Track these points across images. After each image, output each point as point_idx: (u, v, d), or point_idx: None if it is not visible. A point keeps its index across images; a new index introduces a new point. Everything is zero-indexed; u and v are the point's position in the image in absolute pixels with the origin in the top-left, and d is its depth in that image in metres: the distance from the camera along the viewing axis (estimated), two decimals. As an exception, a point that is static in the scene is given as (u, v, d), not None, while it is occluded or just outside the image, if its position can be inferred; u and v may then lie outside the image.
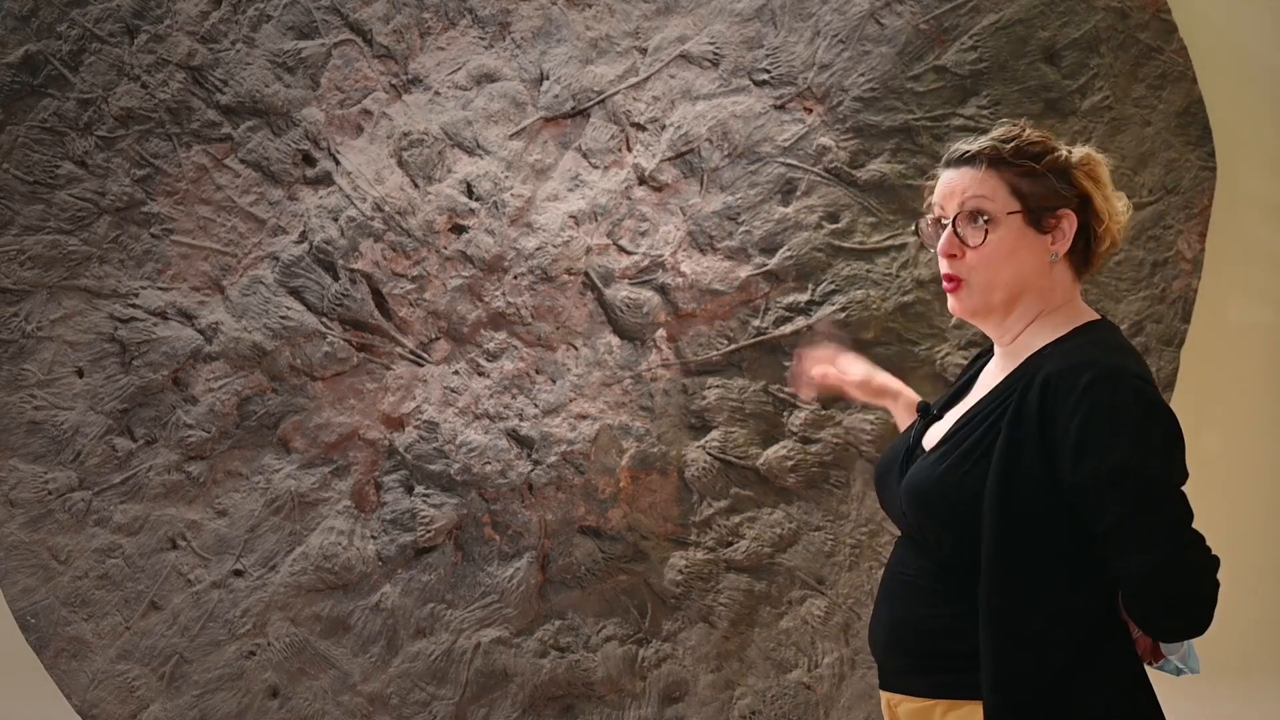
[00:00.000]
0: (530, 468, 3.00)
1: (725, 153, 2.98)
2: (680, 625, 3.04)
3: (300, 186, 3.01)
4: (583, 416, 3.01)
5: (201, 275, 3.02)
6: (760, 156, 2.99)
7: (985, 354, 2.18)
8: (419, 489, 3.02)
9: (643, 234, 3.00)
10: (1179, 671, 2.03)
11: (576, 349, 3.02)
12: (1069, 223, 2.02)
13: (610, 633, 3.06)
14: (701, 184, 3.00)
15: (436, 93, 3.01)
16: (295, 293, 3.01)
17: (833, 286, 2.98)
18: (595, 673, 3.05)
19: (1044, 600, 1.91)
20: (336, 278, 2.99)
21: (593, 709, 3.06)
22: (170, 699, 3.03)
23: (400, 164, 3.00)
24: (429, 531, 3.01)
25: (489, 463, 3.00)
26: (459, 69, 3.02)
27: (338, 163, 3.00)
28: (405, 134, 2.99)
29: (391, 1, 3.00)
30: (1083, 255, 2.05)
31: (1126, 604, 1.89)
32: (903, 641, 2.04)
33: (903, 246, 3.00)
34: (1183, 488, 1.90)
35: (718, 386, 3.01)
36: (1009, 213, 2.01)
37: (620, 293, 3.00)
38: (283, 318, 3.00)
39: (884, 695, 2.10)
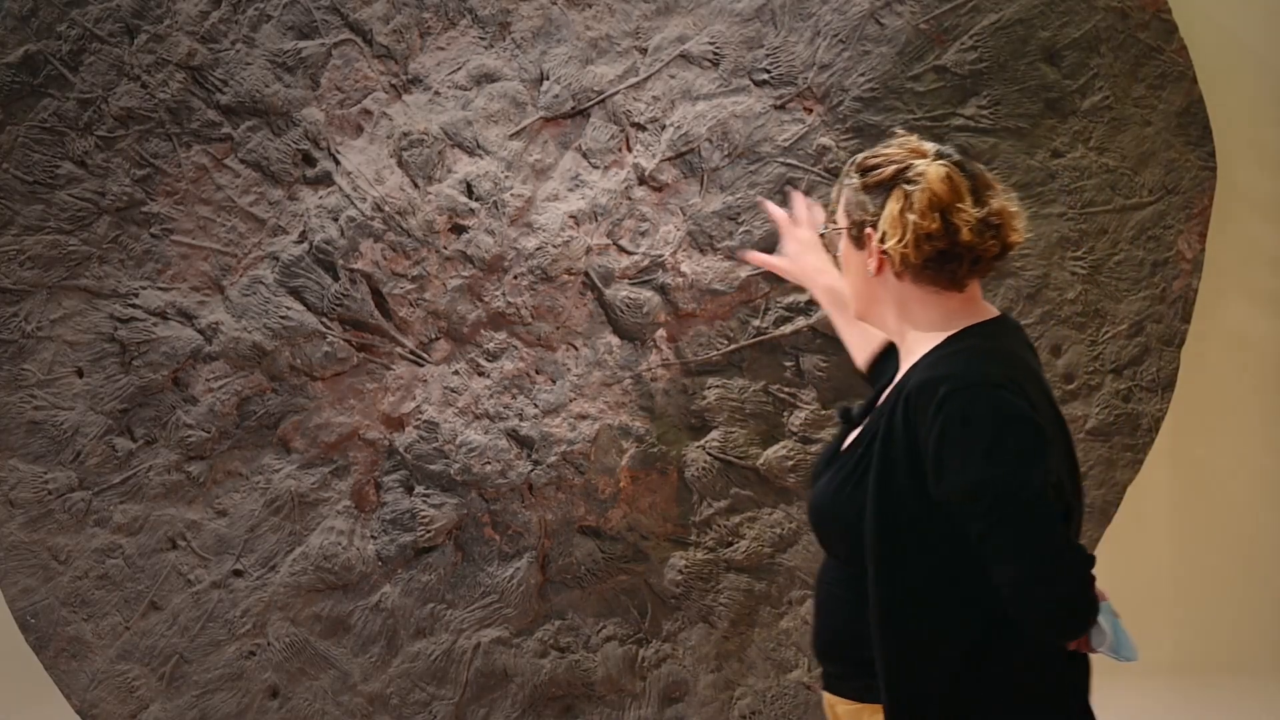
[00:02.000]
0: (530, 468, 3.00)
1: (725, 153, 2.98)
2: (680, 625, 3.04)
3: (300, 186, 3.01)
4: (583, 416, 3.01)
5: (201, 275, 3.02)
6: (760, 156, 2.99)
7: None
8: (419, 489, 3.02)
9: (643, 234, 3.00)
10: (1116, 658, 2.06)
11: (576, 349, 3.02)
12: (874, 243, 2.03)
13: (610, 633, 3.06)
14: (701, 184, 3.00)
15: (436, 93, 3.01)
16: (295, 293, 3.01)
17: (833, 286, 2.98)
18: (595, 673, 3.05)
19: (928, 610, 1.93)
20: (336, 278, 2.99)
21: (593, 709, 3.06)
22: (170, 699, 3.03)
23: (400, 164, 3.00)
24: (429, 531, 3.01)
25: (489, 463, 3.00)
26: (459, 69, 3.02)
27: (338, 163, 3.00)
28: (405, 134, 2.99)
29: (391, 1, 3.00)
30: (940, 271, 2.00)
31: (1006, 610, 1.91)
32: (830, 647, 2.10)
33: (903, 246, 3.00)
34: (1045, 493, 1.88)
35: (718, 386, 3.01)
36: (841, 228, 2.09)
37: (620, 293, 3.00)
38: (283, 318, 3.00)
39: (825, 696, 2.15)
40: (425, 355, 3.03)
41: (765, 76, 2.99)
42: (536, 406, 3.01)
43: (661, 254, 3.00)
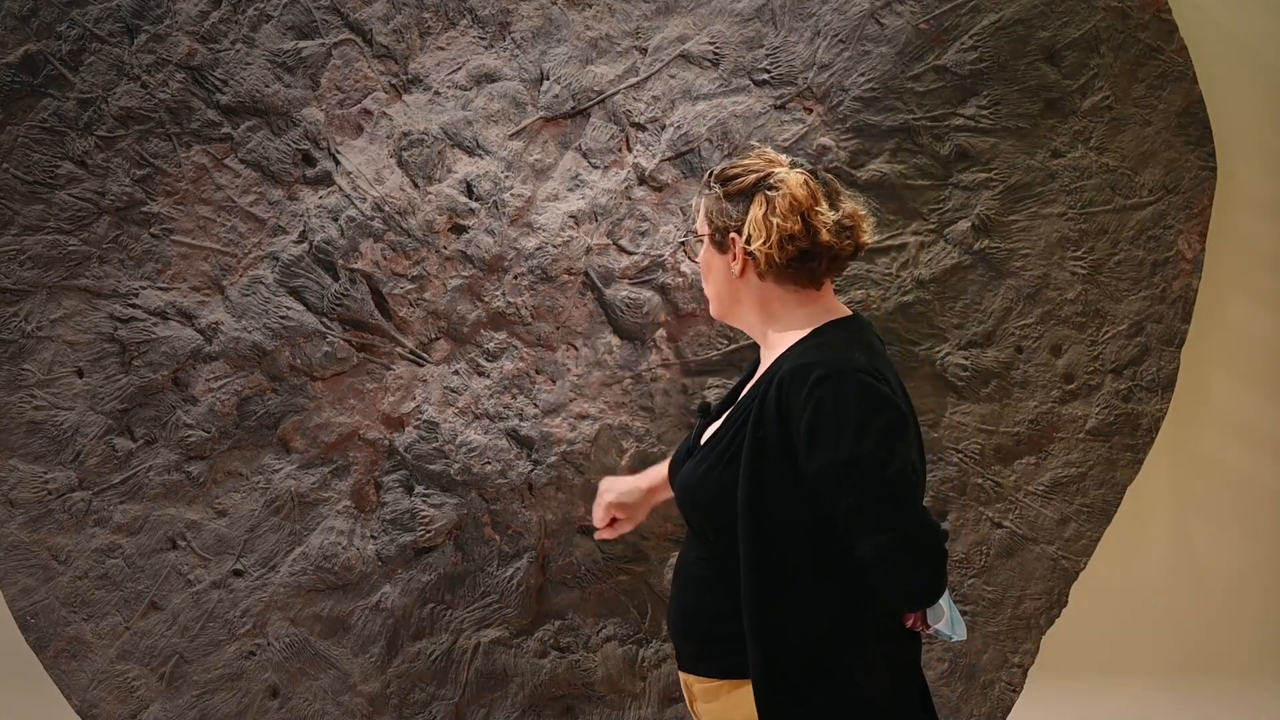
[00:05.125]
0: (530, 468, 3.00)
1: (725, 153, 2.98)
2: (680, 625, 3.04)
3: (300, 186, 3.01)
4: (583, 416, 3.01)
5: (201, 275, 3.02)
6: (760, 156, 2.98)
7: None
8: (419, 489, 3.02)
9: (643, 234, 3.00)
10: (949, 637, 2.20)
11: (576, 349, 3.02)
12: (739, 246, 2.16)
13: (610, 633, 3.06)
14: (701, 184, 3.00)
15: (436, 93, 3.01)
16: (295, 293, 3.01)
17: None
18: (595, 673, 3.05)
19: (798, 587, 2.06)
20: (336, 278, 2.99)
21: (593, 709, 3.06)
22: (170, 699, 3.03)
23: (400, 164, 3.00)
24: (429, 531, 3.01)
25: (489, 463, 3.00)
26: (459, 69, 3.02)
27: (338, 163, 3.00)
28: (405, 134, 2.99)
29: (391, 1, 3.00)
30: (800, 270, 2.15)
31: (866, 582, 2.04)
32: (689, 627, 2.21)
33: (903, 246, 3.00)
34: (907, 470, 2.03)
35: (718, 386, 3.01)
36: (703, 234, 2.22)
37: (620, 293, 3.00)
38: (283, 318, 3.00)
39: (681, 675, 2.26)
40: (425, 355, 3.03)
41: (765, 76, 2.99)
42: (536, 406, 3.01)
43: (661, 254, 3.00)
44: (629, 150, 3.01)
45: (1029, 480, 3.04)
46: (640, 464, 3.01)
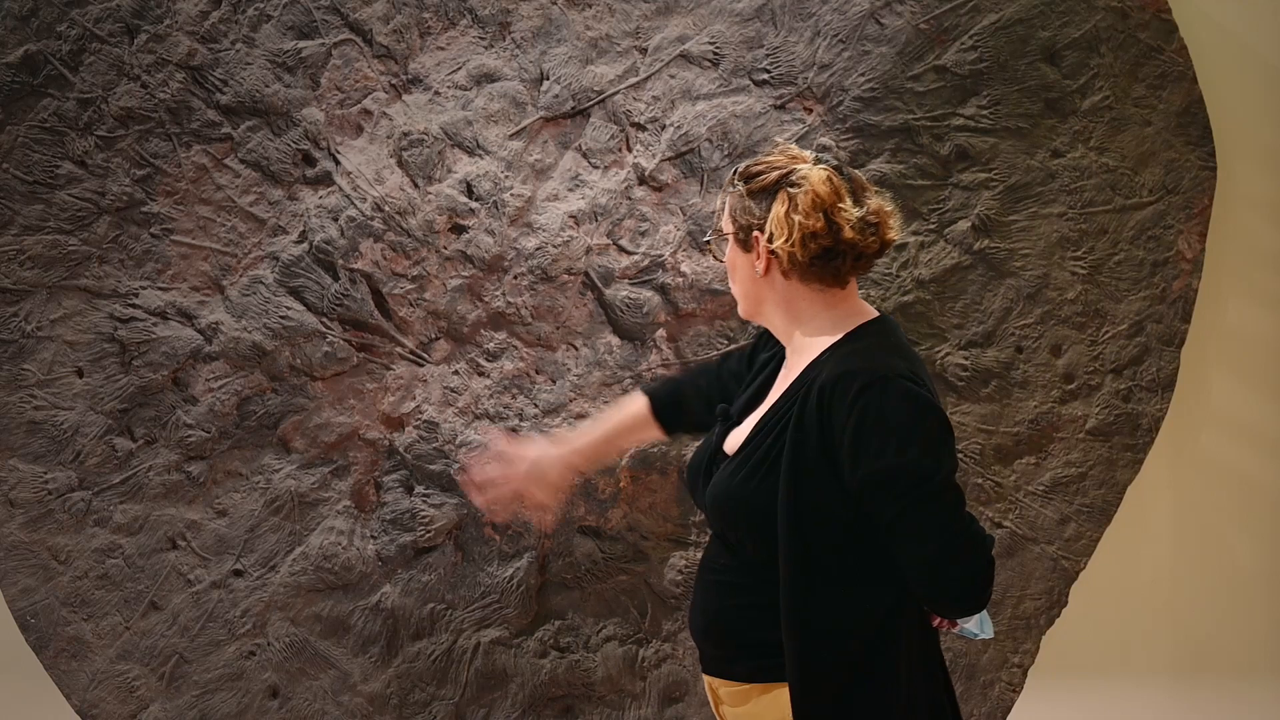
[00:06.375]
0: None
1: (725, 153, 2.98)
2: (680, 625, 3.04)
3: (300, 186, 3.01)
4: (583, 416, 3.01)
5: (201, 275, 3.02)
6: (760, 156, 2.98)
7: (780, 350, 2.29)
8: (419, 489, 3.02)
9: (643, 234, 3.00)
10: (976, 635, 2.21)
11: (576, 349, 3.02)
12: (762, 244, 2.15)
13: (610, 633, 3.06)
14: (701, 184, 3.00)
15: (436, 93, 3.01)
16: (295, 293, 3.01)
17: (833, 286, 2.98)
18: (595, 673, 3.05)
19: (838, 595, 2.06)
20: (336, 278, 2.99)
21: (593, 709, 3.06)
22: (170, 699, 3.03)
23: (400, 164, 3.00)
24: (429, 531, 3.01)
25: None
26: (459, 69, 3.02)
27: (338, 163, 3.00)
28: (405, 134, 2.99)
29: (391, 1, 3.00)
30: (825, 269, 2.14)
31: (912, 589, 2.05)
32: (717, 632, 2.20)
33: (903, 246, 3.00)
34: (954, 477, 2.04)
35: (718, 386, 3.01)
36: (728, 233, 2.21)
37: (620, 293, 3.00)
38: (283, 318, 3.00)
39: (706, 678, 2.26)
40: (425, 355, 3.03)
41: (765, 76, 2.99)
42: (536, 406, 3.01)
43: (661, 254, 3.00)
44: (629, 150, 3.01)
45: (1029, 480, 3.04)
46: (640, 464, 3.01)
